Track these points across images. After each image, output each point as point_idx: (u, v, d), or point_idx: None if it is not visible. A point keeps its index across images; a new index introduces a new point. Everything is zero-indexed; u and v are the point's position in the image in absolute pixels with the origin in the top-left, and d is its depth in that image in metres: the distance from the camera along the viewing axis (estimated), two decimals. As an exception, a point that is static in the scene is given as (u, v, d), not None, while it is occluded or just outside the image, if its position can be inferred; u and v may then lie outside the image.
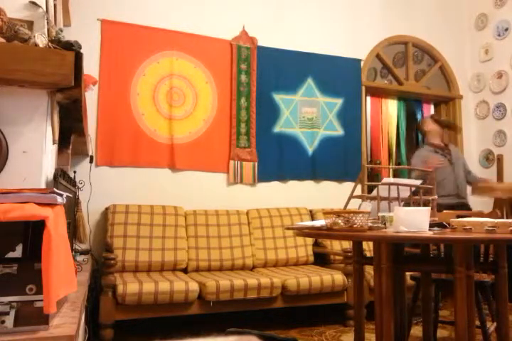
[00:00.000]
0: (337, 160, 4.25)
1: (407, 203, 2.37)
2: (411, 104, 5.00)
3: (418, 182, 2.42)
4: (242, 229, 3.65)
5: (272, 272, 3.37)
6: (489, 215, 2.47)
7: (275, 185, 4.07)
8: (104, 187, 3.48)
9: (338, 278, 3.17)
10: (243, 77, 4.02)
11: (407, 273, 2.66)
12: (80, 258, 2.77)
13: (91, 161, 3.45)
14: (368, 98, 4.70)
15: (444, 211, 2.77)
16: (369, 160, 4.70)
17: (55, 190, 1.33)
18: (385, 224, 1.98)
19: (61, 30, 1.90)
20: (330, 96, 4.31)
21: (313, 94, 4.25)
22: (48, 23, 1.81)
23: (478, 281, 2.33)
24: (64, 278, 1.27)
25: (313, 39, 4.32)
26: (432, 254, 2.64)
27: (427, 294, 2.37)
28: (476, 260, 2.18)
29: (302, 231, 2.11)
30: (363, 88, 4.48)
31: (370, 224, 1.94)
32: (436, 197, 2.45)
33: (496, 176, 4.47)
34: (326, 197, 4.14)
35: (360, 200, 2.36)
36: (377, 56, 4.63)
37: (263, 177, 4.01)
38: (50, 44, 1.65)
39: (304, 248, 3.73)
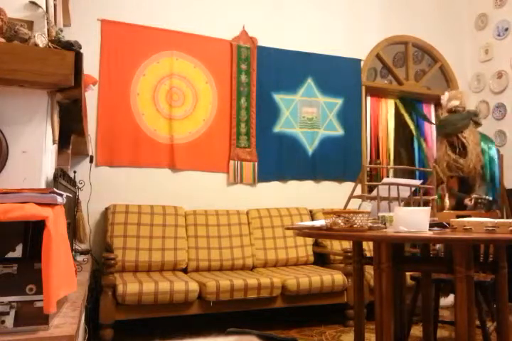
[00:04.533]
0: (337, 160, 4.25)
1: (408, 203, 2.37)
2: (411, 104, 4.99)
3: (418, 182, 2.42)
4: (242, 229, 3.65)
5: (272, 272, 3.37)
6: (489, 215, 2.47)
7: (275, 185, 4.07)
8: (104, 187, 3.48)
9: (338, 278, 3.17)
10: (243, 77, 4.02)
11: (407, 273, 2.66)
12: (80, 258, 2.77)
13: (91, 161, 3.45)
14: (368, 98, 4.69)
15: (445, 211, 2.77)
16: (369, 160, 4.70)
17: (55, 190, 1.33)
18: (385, 224, 1.98)
19: (61, 30, 1.91)
20: (330, 96, 4.31)
21: (313, 94, 4.25)
22: (48, 23, 1.81)
23: (478, 281, 2.32)
24: (64, 278, 1.27)
25: (313, 39, 4.32)
26: (432, 254, 2.65)
27: (427, 294, 2.37)
28: (476, 260, 2.18)
29: (302, 231, 2.11)
30: (363, 88, 4.48)
31: (370, 224, 1.94)
32: (436, 197, 2.45)
33: (495, 176, 4.47)
34: (326, 197, 4.14)
35: (360, 200, 2.36)
36: (377, 56, 4.62)
37: (263, 177, 4.01)
38: (50, 44, 1.65)
39: (304, 248, 3.73)
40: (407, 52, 4.79)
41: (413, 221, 1.81)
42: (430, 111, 5.04)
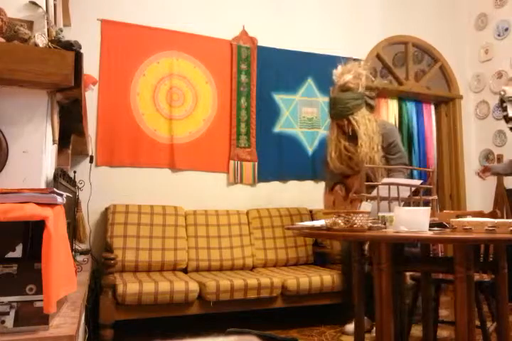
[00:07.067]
0: (337, 160, 4.25)
1: (407, 203, 2.37)
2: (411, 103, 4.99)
3: (418, 182, 2.42)
4: (242, 229, 3.65)
5: (272, 272, 3.37)
6: (489, 215, 2.47)
7: (275, 185, 4.07)
8: (104, 187, 3.48)
9: (338, 278, 3.17)
10: (243, 77, 4.02)
11: (407, 273, 2.66)
12: (80, 258, 2.77)
13: (91, 161, 3.45)
14: (368, 98, 4.69)
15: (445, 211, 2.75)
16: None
17: (55, 190, 1.33)
18: (385, 224, 1.98)
19: (61, 30, 1.91)
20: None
21: (313, 94, 4.25)
22: (48, 23, 1.81)
23: (478, 281, 2.32)
24: (64, 278, 1.27)
25: (313, 39, 4.32)
26: (432, 254, 2.64)
27: (427, 294, 2.37)
28: (476, 260, 2.18)
29: (302, 231, 2.11)
30: (363, 88, 4.48)
31: (370, 224, 1.94)
32: (436, 197, 2.45)
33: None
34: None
35: (360, 200, 2.36)
36: (377, 56, 4.62)
37: (263, 177, 4.01)
38: (50, 44, 1.65)
39: (304, 248, 3.73)
40: (407, 52, 4.79)
41: (413, 221, 1.81)
42: (430, 111, 5.04)
